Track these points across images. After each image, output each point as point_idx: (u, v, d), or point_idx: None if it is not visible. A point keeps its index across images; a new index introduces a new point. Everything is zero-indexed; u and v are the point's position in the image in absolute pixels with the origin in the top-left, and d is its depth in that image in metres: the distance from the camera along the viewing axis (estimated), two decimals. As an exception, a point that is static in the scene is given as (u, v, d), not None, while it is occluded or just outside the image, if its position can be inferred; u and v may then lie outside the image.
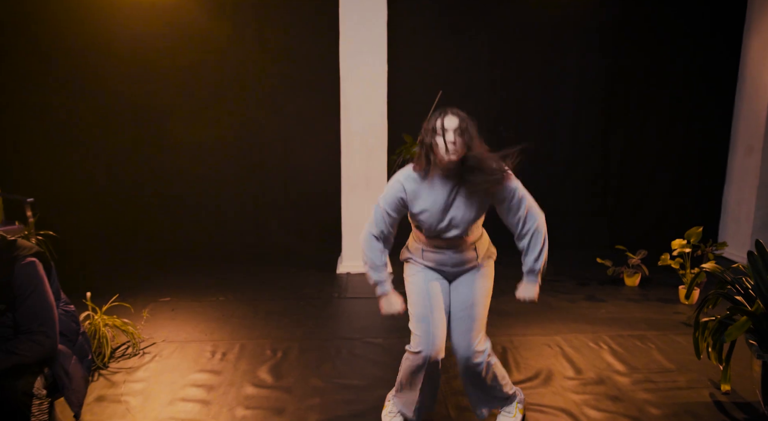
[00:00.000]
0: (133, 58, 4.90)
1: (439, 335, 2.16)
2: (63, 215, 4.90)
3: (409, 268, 2.34)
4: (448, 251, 2.24)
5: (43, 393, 1.83)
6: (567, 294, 4.19)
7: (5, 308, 1.82)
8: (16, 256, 1.86)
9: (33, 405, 1.77)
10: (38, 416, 1.79)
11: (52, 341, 1.87)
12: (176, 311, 3.78)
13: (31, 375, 1.81)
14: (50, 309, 1.89)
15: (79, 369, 2.02)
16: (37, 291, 1.86)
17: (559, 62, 5.21)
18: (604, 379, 2.87)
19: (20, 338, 1.82)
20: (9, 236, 1.94)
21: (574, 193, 5.45)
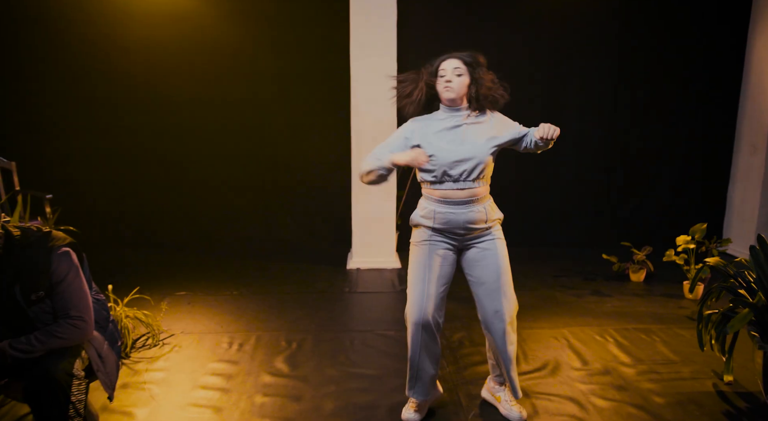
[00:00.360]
0: (149, 56, 5.02)
1: (429, 304, 2.27)
2: (81, 212, 5.02)
3: (417, 234, 2.37)
4: (460, 207, 2.26)
5: (82, 374, 1.94)
6: (573, 289, 4.27)
7: (44, 295, 1.93)
8: (52, 246, 1.97)
9: (73, 385, 1.88)
10: (77, 395, 1.90)
11: (89, 324, 1.98)
12: (192, 305, 3.88)
13: (72, 357, 1.92)
14: (85, 296, 2.01)
15: (111, 354, 2.13)
16: (73, 279, 1.97)
17: (565, 61, 5.29)
18: (609, 370, 2.96)
19: (59, 322, 1.93)
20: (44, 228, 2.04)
21: (580, 190, 5.52)
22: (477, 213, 2.29)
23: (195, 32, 5.00)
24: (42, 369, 1.83)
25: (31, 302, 1.91)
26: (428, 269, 2.31)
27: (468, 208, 2.27)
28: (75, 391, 1.88)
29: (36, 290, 1.92)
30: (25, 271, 1.91)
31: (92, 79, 5.04)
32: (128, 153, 5.21)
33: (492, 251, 2.34)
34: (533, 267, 4.83)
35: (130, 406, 2.57)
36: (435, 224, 2.31)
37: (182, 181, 5.30)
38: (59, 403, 1.84)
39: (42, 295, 1.92)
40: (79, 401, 1.91)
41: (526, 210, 5.47)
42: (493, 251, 2.34)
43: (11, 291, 1.90)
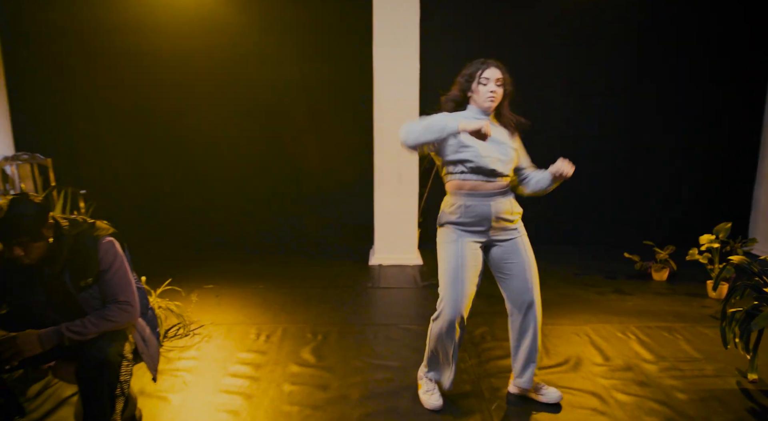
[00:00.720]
0: (178, 57, 5.16)
1: (464, 301, 2.36)
2: (114, 207, 5.18)
3: (446, 233, 2.42)
4: (488, 199, 2.35)
5: (130, 357, 2.05)
6: (595, 287, 4.29)
7: (92, 281, 2.04)
8: (98, 235, 2.08)
9: (122, 366, 1.99)
10: (125, 375, 2.01)
11: (135, 309, 2.09)
12: (220, 297, 4.00)
13: (122, 340, 2.04)
14: (131, 282, 2.12)
15: (153, 338, 2.24)
16: (119, 266, 2.08)
17: (589, 60, 5.29)
18: (631, 366, 2.99)
19: (109, 306, 2.04)
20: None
21: (603, 188, 5.52)
22: (503, 204, 2.39)
23: (221, 35, 5.12)
24: (96, 351, 1.94)
25: (80, 288, 2.03)
26: (462, 268, 2.36)
27: (495, 199, 2.38)
28: (123, 371, 2.00)
29: (85, 277, 2.03)
30: (74, 259, 2.03)
31: (124, 81, 5.20)
32: (159, 151, 5.36)
33: (519, 248, 2.46)
34: (555, 265, 4.86)
35: (165, 391, 2.69)
36: (464, 219, 2.38)
37: (212, 179, 5.45)
38: (110, 382, 1.95)
39: (90, 281, 2.03)
40: (126, 382, 2.02)
41: (549, 208, 5.48)
42: (520, 248, 2.47)
43: (62, 278, 2.02)
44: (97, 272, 2.04)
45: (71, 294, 2.02)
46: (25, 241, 1.91)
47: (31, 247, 1.93)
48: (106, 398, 1.96)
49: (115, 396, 1.98)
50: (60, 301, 2.04)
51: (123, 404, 2.05)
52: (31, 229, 1.91)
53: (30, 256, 1.94)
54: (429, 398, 2.55)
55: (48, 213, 1.98)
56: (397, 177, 4.70)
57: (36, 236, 1.93)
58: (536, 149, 5.07)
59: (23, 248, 1.92)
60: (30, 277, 2.04)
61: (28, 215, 1.90)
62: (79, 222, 2.11)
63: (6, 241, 1.90)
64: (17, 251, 1.92)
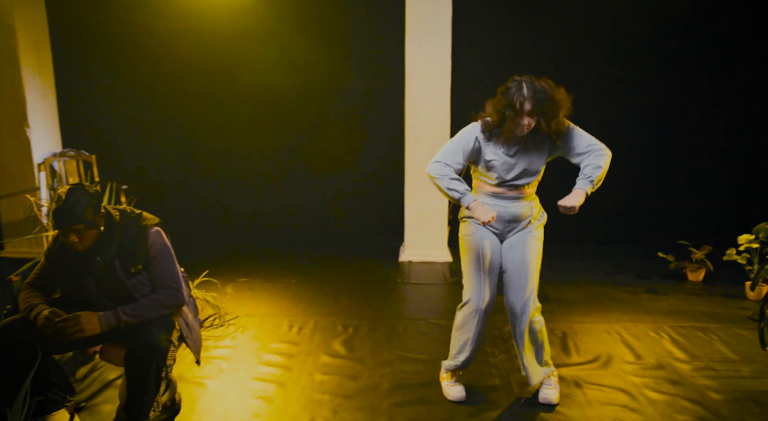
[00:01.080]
0: (214, 55, 5.32)
1: (488, 291, 2.45)
2: (154, 202, 5.38)
3: (466, 227, 2.52)
4: (508, 203, 2.42)
5: (176, 343, 2.15)
6: (627, 286, 4.23)
7: (141, 268, 2.16)
8: (146, 225, 2.21)
9: (169, 351, 2.10)
10: (170, 360, 2.12)
11: (183, 294, 2.21)
12: (254, 290, 4.11)
13: (169, 326, 2.15)
14: (178, 269, 2.24)
15: (195, 324, 2.35)
16: (166, 254, 2.21)
17: (624, 58, 5.22)
18: (664, 365, 2.95)
19: (160, 291, 2.16)
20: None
21: (638, 187, 5.43)
22: (522, 208, 2.46)
23: (254, 36, 5.26)
24: (146, 336, 2.05)
25: (130, 275, 2.15)
26: (482, 259, 2.45)
27: (514, 203, 2.45)
28: (169, 356, 2.11)
29: (134, 264, 2.15)
30: (125, 246, 2.15)
31: (163, 82, 5.40)
32: (196, 149, 5.56)
33: (523, 245, 2.46)
34: (587, 264, 4.81)
35: (202, 377, 2.79)
36: None
37: (246, 176, 5.62)
38: (157, 365, 2.06)
39: (140, 268, 2.15)
40: (170, 367, 2.13)
41: (582, 207, 5.44)
42: (524, 245, 2.46)
43: (113, 265, 2.14)
44: (145, 260, 2.15)
45: (121, 280, 2.14)
46: (79, 228, 2.03)
47: (85, 234, 2.05)
48: (152, 381, 2.06)
49: (161, 379, 2.08)
50: (110, 287, 2.16)
51: (165, 387, 2.16)
52: (86, 217, 2.03)
53: (83, 242, 2.07)
54: (452, 390, 2.60)
55: (101, 203, 2.11)
56: (427, 176, 4.73)
57: (90, 224, 2.05)
58: None
59: (78, 235, 2.04)
60: (83, 264, 2.16)
61: (83, 204, 2.02)
62: (128, 212, 2.24)
63: (62, 228, 2.02)
64: (72, 238, 2.04)
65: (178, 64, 5.35)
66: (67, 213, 2.00)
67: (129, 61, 5.37)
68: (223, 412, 2.49)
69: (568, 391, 2.67)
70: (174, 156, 5.58)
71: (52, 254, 2.22)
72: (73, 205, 2.01)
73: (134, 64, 5.38)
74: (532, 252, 2.46)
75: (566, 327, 3.41)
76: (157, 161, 5.58)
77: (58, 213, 2.01)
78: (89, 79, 5.42)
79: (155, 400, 2.11)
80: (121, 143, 5.52)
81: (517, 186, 2.42)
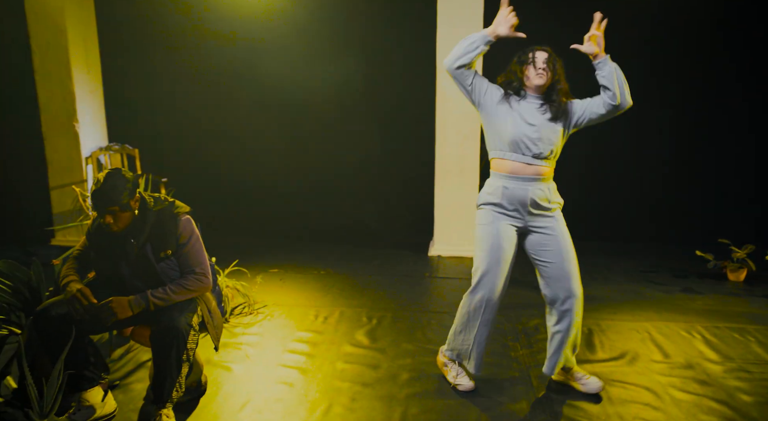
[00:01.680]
0: (251, 50, 5.48)
1: (498, 283, 2.44)
2: (191, 194, 5.58)
3: (483, 216, 2.50)
4: (526, 183, 2.41)
5: (197, 327, 2.25)
6: (661, 285, 4.12)
7: (171, 253, 2.28)
8: (178, 212, 2.33)
9: (190, 334, 2.20)
10: (191, 343, 2.21)
11: (210, 279, 2.32)
12: (284, 281, 4.21)
13: (191, 311, 2.25)
14: (206, 257, 2.35)
15: (218, 311, 2.44)
16: (195, 241, 2.33)
17: (670, 49, 5.05)
18: (693, 364, 2.87)
19: (187, 276, 2.28)
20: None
21: (676, 183, 5.26)
22: (541, 191, 2.43)
23: (287, 27, 5.39)
24: (168, 319, 2.16)
25: (160, 259, 2.27)
26: (498, 249, 2.44)
27: (533, 184, 2.42)
28: (190, 340, 2.20)
29: (164, 249, 2.27)
30: (156, 231, 2.28)
31: (203, 79, 5.59)
32: (232, 144, 5.74)
33: (556, 235, 2.46)
34: (621, 261, 4.70)
35: (229, 362, 2.90)
36: (501, 201, 2.44)
37: (279, 169, 5.77)
38: (178, 347, 2.16)
39: (170, 253, 2.27)
40: (191, 349, 2.22)
41: (616, 203, 5.32)
42: (558, 235, 2.46)
43: (144, 249, 2.26)
44: (175, 245, 2.27)
45: (152, 264, 2.26)
46: (115, 210, 2.16)
47: (120, 216, 2.18)
48: (173, 361, 2.17)
49: (182, 361, 2.18)
50: (141, 271, 2.29)
51: (188, 369, 2.26)
52: (121, 200, 2.16)
53: (118, 224, 2.20)
54: (461, 381, 2.61)
55: (136, 188, 2.24)
56: (458, 169, 4.72)
57: (125, 206, 2.18)
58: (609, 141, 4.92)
59: (113, 216, 2.17)
60: (118, 247, 2.30)
61: (119, 188, 2.15)
62: (161, 200, 2.37)
63: (99, 209, 2.17)
64: (108, 219, 2.17)
65: (218, 64, 5.54)
66: (105, 195, 2.14)
67: (171, 59, 5.59)
68: (246, 395, 2.58)
69: (589, 387, 2.64)
70: (212, 151, 5.77)
71: (91, 235, 2.37)
72: (110, 188, 2.14)
73: (176, 62, 5.59)
74: (567, 240, 2.47)
75: (593, 324, 3.36)
76: (197, 156, 5.78)
77: (96, 195, 2.15)
78: (134, 75, 5.66)
79: (178, 381, 2.21)
80: (163, 138, 5.75)
81: (532, 153, 2.39)
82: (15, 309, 2.54)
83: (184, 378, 2.24)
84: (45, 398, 2.01)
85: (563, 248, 2.45)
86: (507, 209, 2.45)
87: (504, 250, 2.44)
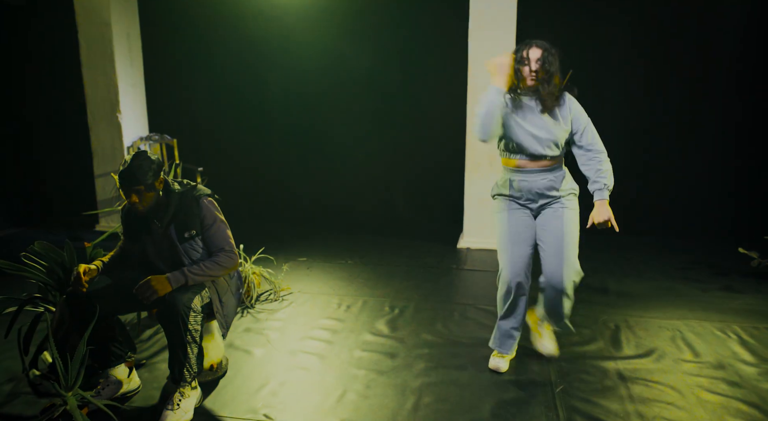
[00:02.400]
0: (285, 46, 5.55)
1: (518, 265, 2.51)
2: (226, 184, 5.74)
3: (497, 205, 2.63)
4: (534, 176, 2.48)
5: (199, 309, 2.29)
6: (699, 282, 3.94)
7: (195, 234, 2.38)
8: (200, 195, 2.43)
9: (190, 315, 2.25)
10: (194, 324, 2.26)
11: (238, 257, 2.43)
12: (311, 269, 4.27)
13: (193, 294, 2.30)
14: (230, 235, 2.45)
15: (232, 299, 2.51)
16: (220, 222, 2.43)
17: (708, 41, 4.81)
18: (725, 365, 2.74)
19: (218, 254, 2.38)
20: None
21: (719, 177, 5.01)
22: (549, 181, 2.50)
23: (322, 17, 5.42)
24: (170, 298, 2.23)
25: (183, 239, 2.36)
26: (512, 234, 2.54)
27: (541, 175, 2.50)
28: (192, 321, 2.25)
29: (188, 229, 2.37)
30: (180, 213, 2.38)
31: (240, 71, 5.71)
32: (265, 134, 5.85)
33: (558, 218, 2.50)
34: (658, 257, 4.52)
35: (250, 346, 2.97)
36: (511, 192, 2.57)
37: (312, 162, 5.84)
38: (179, 328, 2.23)
39: (193, 233, 2.37)
40: (195, 330, 2.27)
41: (656, 196, 5.12)
42: (559, 218, 2.50)
43: (168, 230, 2.36)
44: (199, 226, 2.37)
45: (175, 245, 2.37)
46: (140, 189, 2.26)
47: (145, 196, 2.28)
48: (177, 342, 2.24)
49: (186, 342, 2.24)
50: (165, 251, 2.39)
51: (197, 350, 2.31)
52: (147, 179, 2.26)
53: (143, 203, 2.30)
54: (492, 359, 2.71)
55: (161, 169, 2.34)
56: (488, 160, 4.66)
57: (150, 186, 2.28)
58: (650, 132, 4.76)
59: (138, 195, 2.27)
60: (144, 229, 2.41)
61: (144, 168, 2.26)
62: (185, 184, 2.48)
63: (125, 188, 2.27)
64: (134, 198, 2.28)
65: (255, 57, 5.66)
66: (131, 174, 2.24)
67: (210, 51, 5.74)
68: (264, 378, 2.64)
69: (610, 383, 2.57)
70: (247, 142, 5.90)
71: (122, 218, 2.50)
72: (136, 167, 2.25)
73: (214, 54, 5.74)
74: (567, 222, 2.48)
75: (620, 320, 3.26)
76: (232, 146, 5.93)
77: (122, 174, 2.26)
78: (173, 69, 5.84)
79: (188, 361, 2.28)
80: (201, 129, 5.92)
81: (539, 156, 2.45)
82: (51, 288, 2.68)
83: (194, 359, 2.30)
84: (70, 372, 2.12)
85: (561, 230, 2.47)
86: (517, 198, 2.57)
87: (519, 233, 2.52)
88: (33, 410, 2.37)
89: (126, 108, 5.30)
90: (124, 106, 5.28)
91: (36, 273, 2.65)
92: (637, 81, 4.96)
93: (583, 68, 4.80)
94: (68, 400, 2.12)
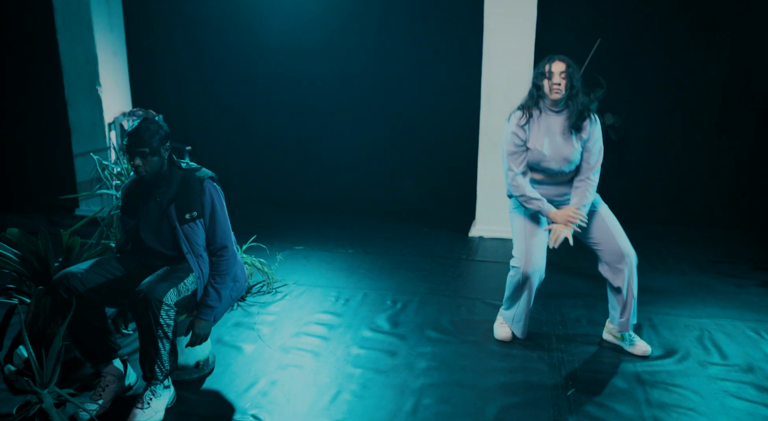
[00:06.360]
0: (277, 19, 5.59)
1: (534, 254, 2.79)
2: (216, 164, 5.82)
3: (513, 202, 2.98)
4: (549, 185, 2.87)
5: (172, 303, 2.35)
6: (734, 278, 3.97)
7: (197, 215, 2.50)
8: (203, 176, 2.56)
9: (162, 310, 2.31)
10: (165, 319, 2.33)
11: (231, 250, 2.58)
12: (308, 259, 4.36)
13: (168, 288, 2.36)
14: (229, 225, 2.59)
15: (230, 299, 2.66)
16: (221, 209, 2.56)
17: (728, 32, 4.78)
18: (754, 368, 2.79)
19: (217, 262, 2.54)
20: None
21: (759, 163, 5.00)
22: (565, 189, 2.88)
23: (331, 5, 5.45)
24: (142, 292, 2.31)
25: (184, 221, 2.48)
26: (529, 228, 2.87)
27: (555, 187, 2.89)
28: (164, 315, 2.32)
29: (189, 210, 2.49)
30: (182, 193, 2.51)
31: (230, 45, 5.75)
32: (260, 112, 5.91)
33: (595, 213, 2.86)
34: (690, 249, 4.55)
35: (240, 342, 3.07)
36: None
37: (311, 144, 5.91)
38: (149, 322, 2.30)
39: (195, 215, 2.50)
40: (167, 325, 2.34)
41: (690, 184, 5.12)
42: (597, 213, 2.86)
43: (168, 210, 2.49)
44: (200, 209, 2.50)
45: (174, 226, 2.49)
46: (145, 152, 2.40)
47: (149, 161, 2.42)
48: (147, 336, 2.33)
49: (158, 337, 2.32)
50: (163, 232, 2.52)
51: (169, 346, 2.39)
52: (153, 143, 2.41)
53: (146, 168, 2.42)
54: (498, 329, 3.06)
55: (168, 136, 2.49)
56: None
57: (155, 150, 2.43)
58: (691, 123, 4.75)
59: (143, 159, 2.41)
60: (143, 207, 2.54)
61: (151, 131, 2.42)
62: (189, 163, 2.63)
63: (130, 150, 2.42)
64: (137, 161, 2.42)
65: (248, 32, 5.70)
66: (137, 135, 2.41)
67: (196, 24, 5.77)
68: (253, 377, 2.74)
69: (626, 386, 2.64)
70: (239, 120, 5.95)
71: (123, 194, 2.63)
72: (143, 130, 2.42)
73: (202, 27, 5.78)
74: (606, 215, 2.84)
75: (643, 318, 3.30)
76: (223, 124, 5.98)
77: (129, 135, 2.42)
78: (158, 36, 5.88)
79: (158, 358, 2.35)
80: (188, 105, 5.98)
81: (556, 173, 2.82)
82: (25, 278, 2.78)
83: (166, 355, 2.38)
84: (45, 369, 2.22)
85: (605, 219, 2.82)
86: None
87: (533, 228, 2.85)
88: (9, 408, 2.48)
89: (107, 80, 5.36)
90: (105, 77, 5.34)
91: (8, 263, 2.74)
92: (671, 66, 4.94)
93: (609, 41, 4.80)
94: (43, 398, 2.22)
